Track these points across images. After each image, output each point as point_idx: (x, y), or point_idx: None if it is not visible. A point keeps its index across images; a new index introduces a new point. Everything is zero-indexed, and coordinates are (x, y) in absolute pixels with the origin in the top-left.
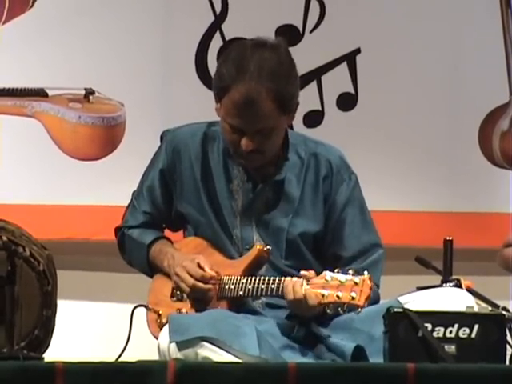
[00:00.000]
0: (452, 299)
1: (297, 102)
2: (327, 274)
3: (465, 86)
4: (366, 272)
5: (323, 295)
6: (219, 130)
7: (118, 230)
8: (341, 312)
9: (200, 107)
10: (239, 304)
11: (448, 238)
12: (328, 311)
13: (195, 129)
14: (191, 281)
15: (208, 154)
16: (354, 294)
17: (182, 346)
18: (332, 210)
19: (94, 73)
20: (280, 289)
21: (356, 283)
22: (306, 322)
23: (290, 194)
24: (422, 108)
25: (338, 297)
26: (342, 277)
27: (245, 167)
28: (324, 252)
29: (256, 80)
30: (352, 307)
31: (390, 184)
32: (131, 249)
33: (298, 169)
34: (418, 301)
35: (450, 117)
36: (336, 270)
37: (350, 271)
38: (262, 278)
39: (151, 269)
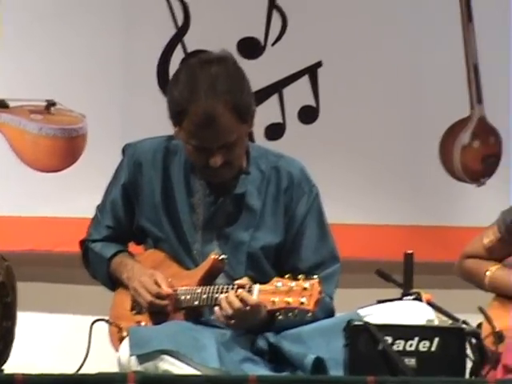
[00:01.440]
0: (412, 312)
1: (254, 109)
2: (277, 281)
3: (425, 100)
4: (315, 276)
5: (273, 301)
6: (180, 143)
7: (82, 243)
8: (292, 318)
9: (162, 119)
10: (196, 314)
11: (408, 252)
12: (279, 317)
13: (156, 143)
14: (148, 297)
15: (169, 168)
16: (303, 299)
17: (142, 359)
18: (292, 222)
19: (56, 84)
20: None
21: (305, 288)
22: (266, 334)
23: (251, 207)
24: (382, 122)
25: (287, 302)
26: (291, 282)
27: (207, 181)
28: (282, 264)
29: (211, 96)
30: (302, 312)
31: (350, 197)
32: (94, 262)
33: (259, 182)
34: (378, 314)
35: (411, 130)
36: (286, 276)
37: (300, 276)
38: (217, 286)
39: (112, 282)
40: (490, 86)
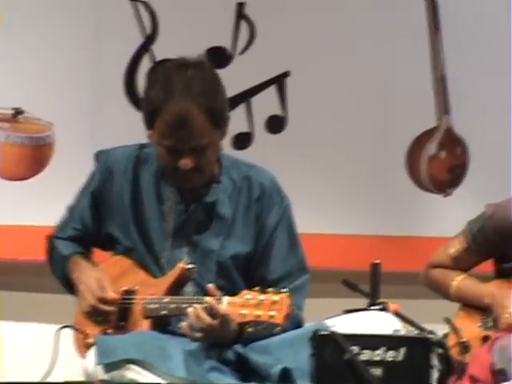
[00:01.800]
0: (379, 322)
1: (228, 115)
2: (247, 293)
3: (393, 110)
4: (285, 289)
5: (243, 314)
6: (152, 152)
7: (48, 238)
8: (261, 331)
9: (129, 128)
10: (163, 324)
11: (375, 262)
12: (248, 330)
13: (128, 151)
14: (91, 301)
15: (139, 176)
16: (272, 313)
17: (108, 368)
18: (262, 232)
19: (23, 93)
20: None
21: (275, 301)
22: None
23: (221, 215)
24: (350, 132)
25: (257, 315)
26: (261, 296)
27: (178, 188)
28: (252, 273)
29: (185, 98)
30: (271, 326)
31: (318, 207)
32: (54, 258)
33: (230, 191)
34: (344, 324)
35: (379, 141)
36: (256, 289)
37: (270, 289)
38: (186, 297)
39: (67, 281)
40: (458, 96)
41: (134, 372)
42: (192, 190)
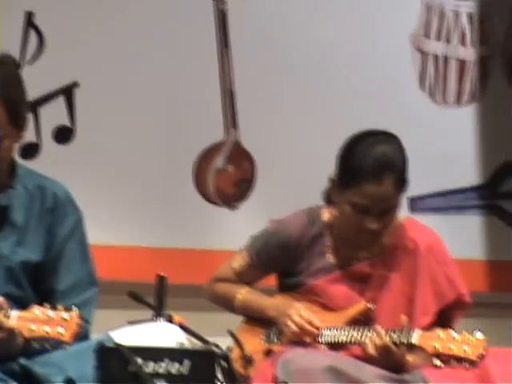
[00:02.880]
0: (163, 334)
1: (26, 116)
2: (36, 308)
3: (181, 123)
4: (74, 307)
5: (31, 329)
6: None
7: None
8: (47, 347)
9: None
10: None
11: (161, 274)
12: (34, 345)
13: None
14: None
15: None
16: (61, 330)
17: None
18: (53, 243)
19: None
20: None
21: (64, 319)
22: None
23: (13, 221)
24: (138, 144)
25: (46, 332)
26: (50, 312)
27: None
28: (41, 284)
29: None
30: (59, 343)
31: (105, 218)
32: None
33: (24, 198)
34: (129, 335)
35: (167, 154)
36: (46, 305)
37: (60, 307)
38: None
39: None
40: (245, 111)
41: None
42: None
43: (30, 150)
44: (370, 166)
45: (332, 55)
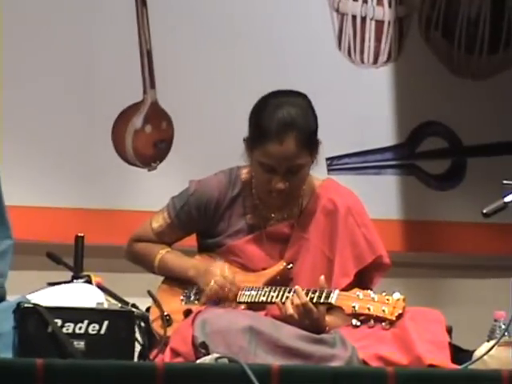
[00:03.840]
0: (82, 295)
1: None
2: None
3: (98, 84)
4: None
5: None
6: None
7: None
8: None
9: None
10: None
11: (79, 235)
12: None
13: None
14: None
15: None
16: None
17: None
18: None
19: None
20: None
21: None
22: None
23: None
24: (56, 105)
25: None
26: None
27: None
28: None
29: None
30: None
31: (23, 179)
32: None
33: None
34: (48, 296)
35: (84, 114)
36: None
37: None
38: None
39: None
40: (163, 71)
41: None
42: None
43: None
44: (272, 126)
45: (249, 15)
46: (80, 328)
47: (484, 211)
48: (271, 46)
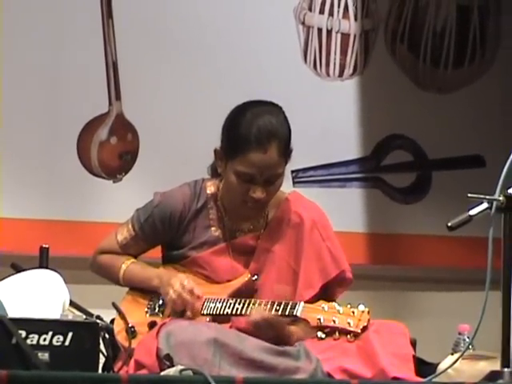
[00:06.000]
0: (46, 284)
1: None
2: None
3: (63, 95)
4: None
5: None
6: None
7: None
8: None
9: None
10: None
11: (44, 246)
12: None
13: None
14: None
15: None
16: None
17: None
18: None
19: None
20: None
21: None
22: None
23: None
24: (20, 116)
25: None
26: None
27: None
28: None
29: None
30: None
31: None
32: None
33: None
34: (13, 285)
35: (49, 125)
36: None
37: None
38: None
39: None
40: (129, 82)
41: None
42: None
43: None
44: (254, 135)
45: (215, 27)
46: (44, 339)
47: (449, 224)
48: (237, 58)
